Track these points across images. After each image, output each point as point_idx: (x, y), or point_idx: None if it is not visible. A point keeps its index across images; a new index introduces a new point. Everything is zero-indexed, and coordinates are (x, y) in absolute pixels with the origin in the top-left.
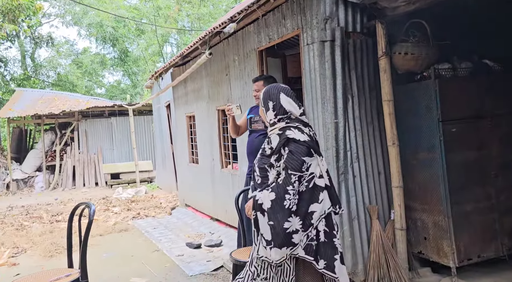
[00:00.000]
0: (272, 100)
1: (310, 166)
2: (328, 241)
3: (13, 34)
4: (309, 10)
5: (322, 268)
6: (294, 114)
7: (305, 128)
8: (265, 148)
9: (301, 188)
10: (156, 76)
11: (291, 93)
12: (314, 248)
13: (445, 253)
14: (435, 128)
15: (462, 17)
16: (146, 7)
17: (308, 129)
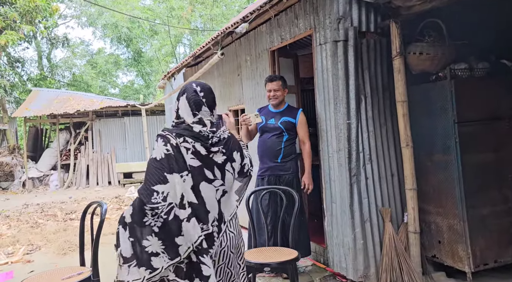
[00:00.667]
0: (177, 100)
1: (168, 194)
2: (196, 261)
3: (30, 35)
4: (322, 10)
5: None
6: (186, 121)
7: (178, 138)
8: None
9: (159, 220)
10: (168, 77)
11: (194, 96)
12: (185, 270)
13: (460, 258)
14: (450, 129)
15: (480, 16)
16: (159, 8)
17: (186, 140)
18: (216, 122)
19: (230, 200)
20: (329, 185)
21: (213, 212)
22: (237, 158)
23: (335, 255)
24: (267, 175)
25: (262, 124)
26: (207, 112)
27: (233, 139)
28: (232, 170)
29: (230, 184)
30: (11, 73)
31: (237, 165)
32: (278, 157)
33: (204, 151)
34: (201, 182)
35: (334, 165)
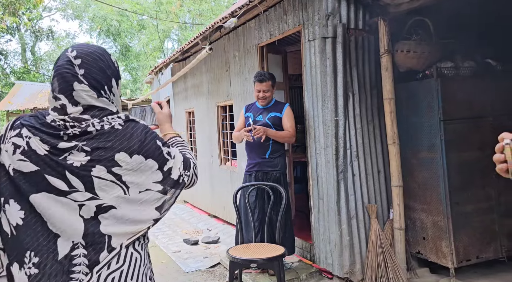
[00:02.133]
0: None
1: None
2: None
3: (13, 27)
4: (311, 6)
5: None
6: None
7: (11, 130)
8: None
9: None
10: (156, 72)
11: (62, 68)
12: None
13: (444, 254)
14: (436, 127)
15: (466, 16)
16: (147, 2)
17: (21, 133)
18: (150, 114)
19: (129, 217)
20: (316, 182)
21: (67, 236)
22: (127, 161)
23: (322, 251)
24: (254, 171)
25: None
26: (88, 92)
27: (127, 134)
28: (113, 177)
29: (118, 197)
30: None
31: (129, 171)
32: (266, 153)
33: (43, 149)
34: (38, 193)
35: (321, 161)
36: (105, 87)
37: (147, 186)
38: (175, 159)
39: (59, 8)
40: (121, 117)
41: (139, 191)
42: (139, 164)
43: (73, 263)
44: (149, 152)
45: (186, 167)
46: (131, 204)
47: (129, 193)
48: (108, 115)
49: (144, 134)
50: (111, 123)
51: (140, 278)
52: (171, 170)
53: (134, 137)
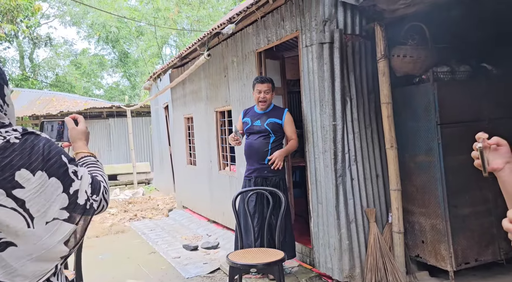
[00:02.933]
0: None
1: None
2: None
3: (11, 34)
4: (308, 12)
5: None
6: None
7: None
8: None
9: None
10: (154, 78)
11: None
12: None
13: (443, 257)
14: (433, 131)
15: (461, 20)
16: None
17: None
18: (56, 129)
19: (31, 256)
20: (315, 186)
21: None
22: (29, 180)
23: (321, 256)
24: (253, 176)
25: (248, 126)
26: None
27: (27, 149)
28: (14, 203)
29: (20, 229)
30: None
31: (33, 192)
32: (265, 158)
33: None
34: None
35: (320, 166)
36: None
37: (54, 215)
38: (82, 180)
39: (57, 15)
40: (17, 130)
41: (46, 221)
42: (42, 183)
43: None
44: (52, 169)
45: (95, 190)
46: (36, 240)
47: (34, 225)
48: (0, 128)
49: (47, 148)
50: (5, 137)
51: None
52: (78, 193)
53: (35, 152)
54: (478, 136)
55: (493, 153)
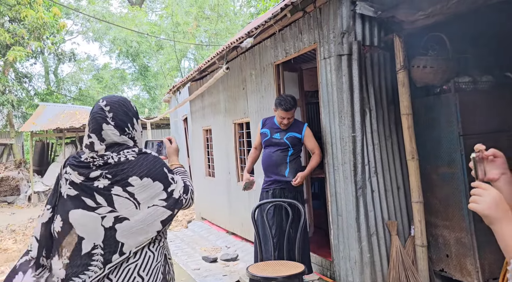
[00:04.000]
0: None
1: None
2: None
3: (37, 51)
4: (326, 25)
5: None
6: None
7: (64, 168)
8: None
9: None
10: (174, 91)
11: (95, 113)
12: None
13: (469, 272)
14: (456, 142)
15: (482, 30)
16: (165, 24)
17: (67, 170)
18: (156, 147)
19: (137, 228)
20: (334, 198)
21: (91, 239)
22: (137, 183)
23: (342, 269)
24: (272, 188)
25: (267, 138)
26: (113, 131)
27: (139, 163)
28: (127, 194)
29: (131, 210)
30: (19, 88)
31: (139, 189)
32: (284, 172)
33: (79, 180)
34: (74, 210)
35: (339, 177)
36: (128, 125)
37: (154, 203)
38: (177, 184)
39: (81, 32)
40: (135, 151)
41: (147, 206)
42: (147, 185)
43: (92, 259)
44: (156, 176)
45: (186, 191)
46: (139, 216)
47: (140, 207)
48: (124, 149)
49: (153, 163)
50: (126, 156)
51: (151, 271)
52: (173, 192)
53: (144, 165)
54: (476, 147)
55: (490, 164)
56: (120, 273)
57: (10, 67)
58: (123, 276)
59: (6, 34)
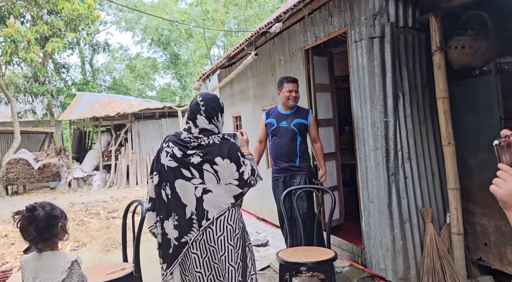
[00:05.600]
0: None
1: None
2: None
3: (74, 42)
4: (357, 7)
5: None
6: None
7: (165, 143)
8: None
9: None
10: (203, 78)
11: (193, 106)
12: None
13: (509, 261)
14: (496, 126)
15: None
16: (194, 11)
17: (169, 144)
18: (228, 135)
19: (217, 199)
20: (366, 185)
21: (190, 206)
22: (220, 162)
23: (373, 256)
24: (282, 176)
25: (274, 127)
26: (204, 120)
27: (222, 146)
28: (213, 171)
29: (214, 184)
30: (57, 78)
31: (221, 168)
32: (295, 160)
33: (179, 154)
34: (178, 179)
35: (371, 164)
36: (215, 117)
37: (229, 180)
38: (246, 166)
39: (114, 22)
40: (219, 137)
41: (225, 183)
42: (227, 165)
43: (192, 222)
44: (233, 157)
45: (253, 173)
46: (219, 190)
47: (220, 183)
48: (212, 135)
49: (231, 147)
50: (213, 140)
51: (235, 220)
52: (243, 173)
53: (226, 149)
54: (502, 133)
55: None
56: (216, 224)
57: (49, 59)
58: (219, 225)
59: (44, 27)
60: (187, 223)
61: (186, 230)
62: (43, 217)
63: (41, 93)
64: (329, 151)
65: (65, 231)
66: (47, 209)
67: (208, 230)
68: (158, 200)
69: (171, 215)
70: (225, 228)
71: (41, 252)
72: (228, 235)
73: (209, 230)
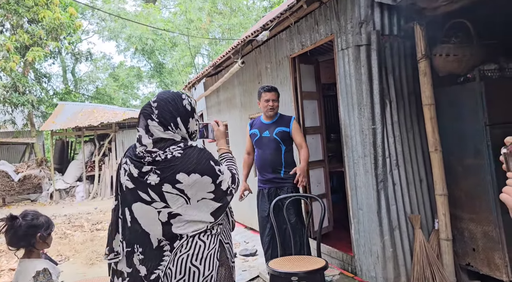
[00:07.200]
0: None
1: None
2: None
3: (55, 51)
4: (343, 15)
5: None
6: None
7: (123, 158)
8: None
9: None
10: (189, 87)
11: (144, 109)
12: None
13: (497, 266)
14: (481, 132)
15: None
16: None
17: (126, 161)
18: (200, 129)
19: (189, 221)
20: (355, 192)
21: (154, 234)
22: (185, 179)
23: (363, 264)
24: (267, 187)
25: (257, 138)
26: (157, 127)
27: (186, 158)
28: (177, 191)
29: (182, 206)
30: (38, 88)
31: (187, 186)
32: (280, 170)
33: (136, 172)
34: (135, 203)
35: (359, 171)
36: (171, 124)
37: (203, 196)
38: (224, 175)
39: (96, 31)
40: (181, 146)
41: (197, 200)
42: (195, 180)
43: (163, 250)
44: (204, 171)
45: (233, 181)
46: (192, 210)
47: (190, 202)
48: (171, 145)
49: (199, 158)
50: (172, 153)
51: (204, 259)
52: (221, 183)
53: (190, 161)
54: (507, 140)
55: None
56: (175, 264)
57: (29, 68)
58: (179, 267)
59: (25, 35)
60: (155, 253)
61: (155, 262)
62: (22, 227)
63: (21, 103)
64: (317, 158)
65: (44, 241)
66: (28, 219)
67: (177, 257)
68: (115, 225)
69: (135, 248)
70: (187, 271)
71: (22, 258)
72: (200, 258)
73: (178, 257)
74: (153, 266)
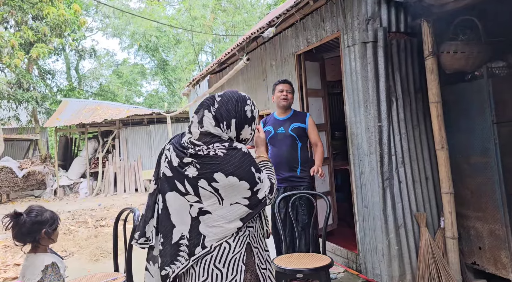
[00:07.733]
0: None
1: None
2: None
3: (59, 47)
4: (349, 12)
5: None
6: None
7: (168, 144)
8: None
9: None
10: (193, 84)
11: (204, 101)
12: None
13: (504, 265)
14: (489, 130)
15: None
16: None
17: (169, 147)
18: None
19: (218, 223)
20: (360, 189)
21: (180, 227)
22: (222, 180)
23: (368, 262)
24: (283, 186)
25: (272, 135)
26: (210, 119)
27: (227, 160)
28: (211, 189)
29: (214, 205)
30: (42, 85)
31: (223, 187)
32: (297, 168)
33: (176, 162)
34: (170, 192)
35: (365, 168)
36: (225, 123)
37: (237, 200)
38: (263, 184)
39: (100, 28)
40: (225, 146)
41: (230, 203)
42: (233, 183)
43: (179, 249)
44: (244, 176)
45: (271, 191)
46: (221, 212)
47: (223, 203)
48: (216, 142)
49: (241, 161)
50: (215, 150)
51: (227, 262)
52: (259, 191)
53: (231, 163)
54: None
55: None
56: (199, 265)
57: (33, 64)
58: (202, 267)
59: (29, 32)
60: (172, 249)
61: (169, 259)
62: (27, 223)
63: (26, 100)
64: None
65: (49, 237)
66: (32, 215)
67: (198, 263)
68: (149, 209)
69: (159, 236)
70: (209, 273)
71: (29, 253)
72: (224, 261)
73: (202, 258)
74: (164, 262)
